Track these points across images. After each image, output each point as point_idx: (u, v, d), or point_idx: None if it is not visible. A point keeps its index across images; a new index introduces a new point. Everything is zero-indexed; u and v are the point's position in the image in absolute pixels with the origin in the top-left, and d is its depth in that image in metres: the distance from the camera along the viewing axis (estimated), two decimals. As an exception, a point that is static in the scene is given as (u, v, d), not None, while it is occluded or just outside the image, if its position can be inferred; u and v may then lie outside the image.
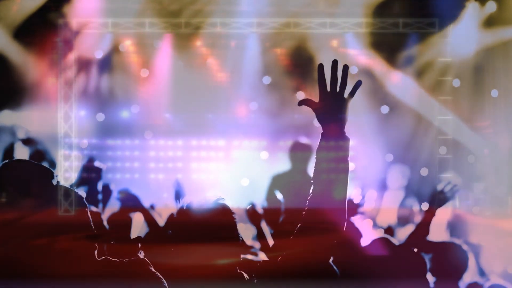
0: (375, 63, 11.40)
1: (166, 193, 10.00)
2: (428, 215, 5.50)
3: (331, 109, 3.16)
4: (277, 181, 9.95)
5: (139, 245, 4.00)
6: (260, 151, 11.78)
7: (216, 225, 3.32)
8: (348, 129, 3.19)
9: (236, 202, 3.67)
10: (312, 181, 3.22)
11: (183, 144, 11.85)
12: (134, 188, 8.29)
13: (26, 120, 11.09)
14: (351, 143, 3.19)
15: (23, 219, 2.80)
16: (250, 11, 10.92)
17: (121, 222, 6.73)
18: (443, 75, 11.32)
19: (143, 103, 11.78)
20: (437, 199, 5.49)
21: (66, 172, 10.89)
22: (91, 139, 11.51)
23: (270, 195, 9.78)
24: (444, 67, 11.31)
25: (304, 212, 3.23)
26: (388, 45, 11.34)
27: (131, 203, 7.46)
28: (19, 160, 3.09)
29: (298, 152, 9.89)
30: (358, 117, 10.76)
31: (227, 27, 11.06)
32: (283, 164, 10.18)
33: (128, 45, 11.62)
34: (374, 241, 4.93)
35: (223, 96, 11.51)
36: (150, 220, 6.59)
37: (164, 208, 7.03)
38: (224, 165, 11.73)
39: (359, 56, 11.40)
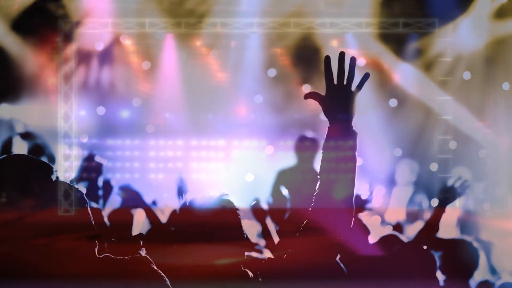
0: (381, 57, 11.40)
1: (166, 193, 10.04)
2: (438, 212, 5.50)
3: (338, 102, 3.15)
4: (283, 177, 9.96)
5: (141, 242, 4.00)
6: (261, 150, 11.79)
7: (219, 222, 3.32)
8: (356, 123, 3.18)
9: (241, 199, 3.67)
10: (318, 176, 3.21)
11: (183, 144, 11.89)
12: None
13: (25, 113, 11.10)
14: (359, 137, 3.18)
15: (23, 219, 2.81)
16: (250, 11, 10.98)
17: (122, 219, 6.73)
18: (454, 67, 11.31)
19: (145, 96, 11.80)
20: (447, 195, 5.48)
21: (66, 172, 10.91)
22: (91, 139, 11.52)
23: (276, 191, 9.80)
24: (454, 59, 11.30)
25: (310, 209, 3.22)
26: (395, 37, 11.34)
27: (132, 199, 7.47)
28: (18, 155, 3.08)
29: (304, 146, 9.89)
30: (366, 110, 10.75)
31: (227, 27, 11.13)
32: (289, 159, 10.19)
33: (128, 44, 11.65)
34: (382, 238, 4.93)
35: (223, 96, 11.54)
36: (152, 217, 6.59)
37: (165, 208, 7.04)
38: (228, 161, 11.75)
39: (361, 55, 11.40)
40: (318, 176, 3.21)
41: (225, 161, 11.78)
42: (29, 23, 10.89)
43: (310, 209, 3.22)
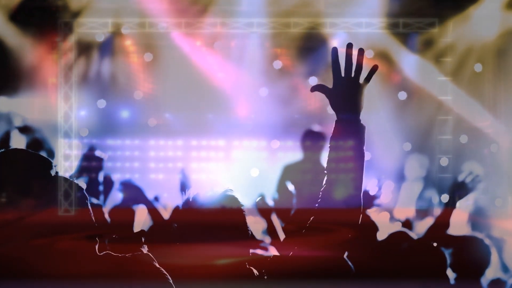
0: (389, 49, 11.40)
1: (167, 193, 10.06)
2: (448, 208, 5.49)
3: (346, 95, 3.14)
4: (289, 172, 9.95)
5: (143, 239, 4.00)
6: (261, 150, 11.81)
7: (223, 219, 3.31)
8: (364, 116, 3.16)
9: (245, 194, 3.66)
10: (325, 172, 3.20)
11: (183, 144, 11.92)
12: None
13: (23, 107, 11.10)
14: (367, 131, 3.16)
15: (23, 219, 2.81)
16: (250, 11, 11.04)
17: (124, 216, 6.74)
18: (465, 59, 11.30)
19: (145, 96, 11.84)
20: (458, 191, 5.48)
21: (66, 172, 10.92)
22: (92, 137, 11.54)
23: (281, 186, 9.79)
24: (465, 51, 11.28)
25: (317, 205, 3.21)
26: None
27: (134, 195, 7.48)
28: (16, 149, 3.08)
29: (311, 141, 9.88)
30: (374, 104, 10.73)
31: (227, 27, 11.18)
32: (295, 154, 10.18)
33: (128, 44, 11.69)
34: (391, 235, 4.92)
35: (223, 95, 11.56)
36: (154, 213, 6.59)
37: (166, 208, 7.05)
38: (228, 161, 11.76)
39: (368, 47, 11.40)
40: (325, 171, 3.20)
41: (225, 161, 11.80)
42: (28, 15, 10.89)
43: (316, 205, 3.21)
